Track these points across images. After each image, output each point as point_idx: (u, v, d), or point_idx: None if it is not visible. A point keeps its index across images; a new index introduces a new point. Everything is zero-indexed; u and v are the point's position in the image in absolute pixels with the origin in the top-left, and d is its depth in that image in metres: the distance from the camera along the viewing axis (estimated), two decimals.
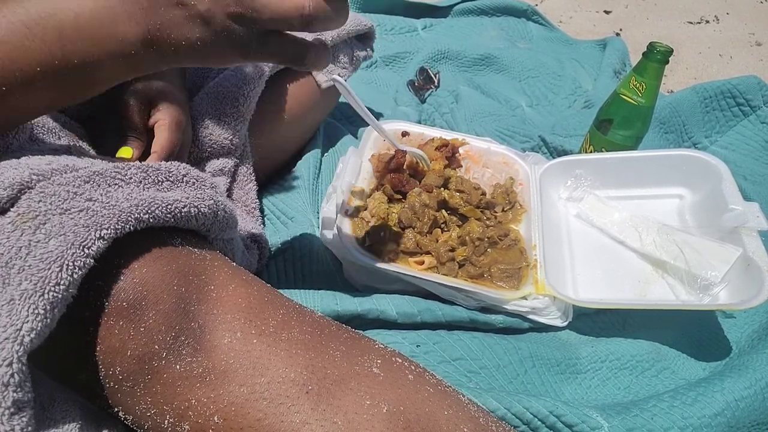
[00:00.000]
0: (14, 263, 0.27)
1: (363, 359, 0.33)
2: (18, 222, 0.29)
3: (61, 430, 0.28)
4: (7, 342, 0.25)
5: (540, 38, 1.36)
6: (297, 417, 0.29)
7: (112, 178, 0.33)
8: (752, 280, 0.54)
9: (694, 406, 0.48)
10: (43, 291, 0.26)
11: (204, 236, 0.39)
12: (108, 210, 0.30)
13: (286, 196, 0.71)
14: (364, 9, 1.30)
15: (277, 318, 0.33)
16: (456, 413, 0.32)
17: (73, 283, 0.27)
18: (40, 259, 0.27)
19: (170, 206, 0.33)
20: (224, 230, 0.40)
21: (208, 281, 0.33)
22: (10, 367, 0.24)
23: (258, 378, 0.30)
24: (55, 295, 0.26)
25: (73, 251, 0.27)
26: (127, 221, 0.30)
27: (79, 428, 0.29)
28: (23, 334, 0.25)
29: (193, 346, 0.30)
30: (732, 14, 1.64)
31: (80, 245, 0.28)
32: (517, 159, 0.74)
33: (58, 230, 0.28)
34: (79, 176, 0.32)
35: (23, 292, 0.26)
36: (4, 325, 0.25)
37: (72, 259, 0.27)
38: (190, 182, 0.37)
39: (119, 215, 0.30)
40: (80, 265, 0.27)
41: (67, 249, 0.27)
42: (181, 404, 0.30)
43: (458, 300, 0.59)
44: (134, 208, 0.31)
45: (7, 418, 0.24)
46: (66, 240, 0.28)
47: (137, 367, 0.29)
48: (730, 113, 0.95)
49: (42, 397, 0.27)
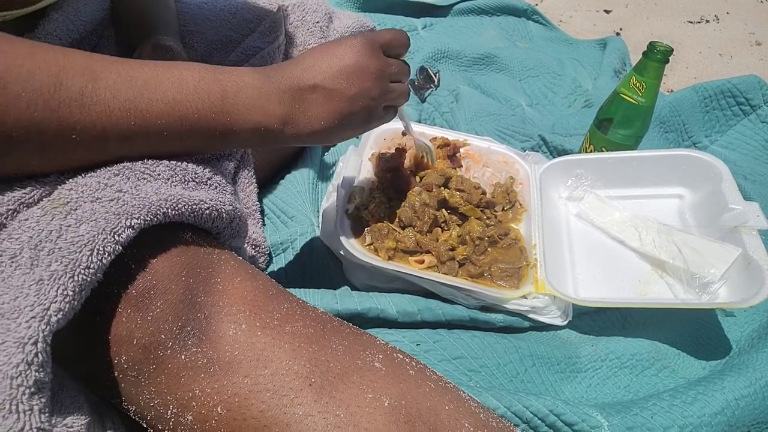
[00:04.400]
0: (44, 245, 0.27)
1: (365, 354, 0.33)
2: (48, 207, 0.29)
3: (71, 415, 0.28)
4: (33, 321, 0.25)
5: (540, 38, 1.36)
6: (300, 409, 0.29)
7: (141, 172, 0.34)
8: (752, 278, 0.54)
9: (694, 404, 0.48)
10: (74, 273, 0.26)
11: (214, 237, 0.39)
12: (138, 201, 0.31)
13: (286, 195, 0.71)
14: (363, 8, 1.30)
15: (281, 311, 0.33)
16: (457, 408, 0.32)
17: (101, 268, 0.28)
18: (71, 242, 0.27)
19: (195, 206, 0.34)
20: (234, 237, 0.40)
21: (215, 273, 0.33)
22: (35, 345, 0.25)
23: (262, 370, 0.30)
24: (84, 278, 0.27)
25: (104, 237, 0.28)
26: (156, 214, 0.31)
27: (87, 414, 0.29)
28: (50, 314, 0.25)
29: (198, 336, 0.30)
30: (732, 14, 1.64)
31: (111, 231, 0.28)
32: (517, 158, 0.74)
33: (90, 216, 0.29)
34: (109, 170, 0.33)
35: (53, 273, 0.26)
36: (32, 304, 0.25)
37: (103, 244, 0.28)
38: (213, 185, 0.38)
39: (149, 207, 0.31)
40: (110, 251, 0.28)
41: (99, 234, 0.28)
42: (184, 395, 0.30)
43: (458, 299, 0.59)
44: (163, 202, 0.32)
45: (27, 397, 0.24)
46: (97, 225, 0.28)
47: (143, 356, 0.29)
48: (730, 112, 0.95)
49: (53, 382, 0.27)
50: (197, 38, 0.66)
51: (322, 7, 0.71)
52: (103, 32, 0.59)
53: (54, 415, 0.26)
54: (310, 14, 0.70)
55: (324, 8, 0.71)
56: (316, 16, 0.70)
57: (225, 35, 0.67)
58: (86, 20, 0.54)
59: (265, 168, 0.70)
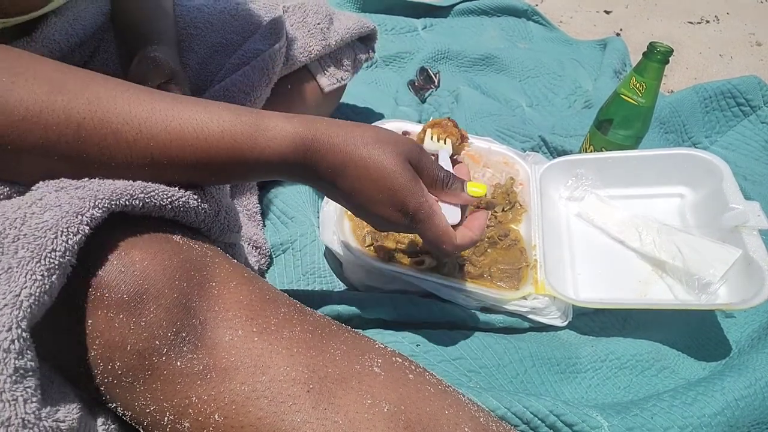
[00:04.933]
0: (8, 233, 0.27)
1: (364, 358, 0.33)
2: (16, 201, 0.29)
3: (63, 408, 0.27)
4: (6, 308, 0.25)
5: (540, 38, 1.36)
6: (298, 416, 0.29)
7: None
8: (752, 279, 0.54)
9: (693, 405, 0.48)
10: (41, 257, 0.26)
11: (206, 236, 0.39)
12: (104, 187, 0.30)
13: (286, 196, 0.72)
14: (363, 9, 1.30)
15: (278, 316, 0.33)
16: (456, 412, 0.32)
17: (69, 250, 0.27)
18: (35, 228, 0.27)
19: (167, 192, 0.33)
20: (226, 233, 0.39)
21: (209, 277, 0.33)
22: (10, 332, 0.24)
23: (259, 376, 0.30)
24: (51, 260, 0.27)
25: (68, 218, 0.28)
26: (122, 195, 0.31)
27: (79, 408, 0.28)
28: (22, 300, 0.25)
29: (194, 342, 0.30)
30: (732, 14, 1.64)
31: (75, 213, 0.28)
32: (517, 159, 0.74)
33: (54, 202, 0.29)
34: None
35: (20, 260, 0.26)
36: (3, 292, 0.25)
37: (66, 226, 0.27)
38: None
39: (114, 190, 0.30)
40: (74, 231, 0.28)
41: (62, 217, 0.28)
42: (181, 401, 0.30)
43: (458, 300, 0.59)
44: (130, 186, 0.31)
45: (9, 386, 0.24)
46: (61, 210, 0.28)
47: (137, 362, 0.29)
48: (731, 113, 0.95)
49: (43, 380, 0.27)
50: (198, 41, 0.66)
51: (323, 9, 0.71)
52: (103, 36, 0.59)
53: (43, 408, 0.26)
54: (311, 16, 0.70)
55: (325, 9, 0.71)
56: (317, 18, 0.70)
57: (226, 38, 0.67)
58: (86, 25, 0.54)
59: None
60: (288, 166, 0.36)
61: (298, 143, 0.36)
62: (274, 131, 0.35)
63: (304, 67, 0.71)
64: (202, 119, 0.33)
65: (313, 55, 0.69)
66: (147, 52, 0.54)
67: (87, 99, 0.31)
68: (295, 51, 0.68)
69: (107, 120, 0.31)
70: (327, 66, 0.73)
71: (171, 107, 0.33)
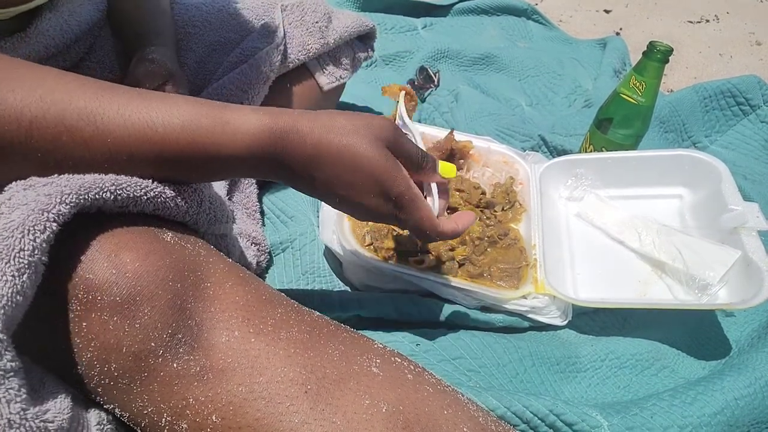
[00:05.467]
0: None
1: (362, 359, 0.33)
2: None
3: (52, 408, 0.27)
4: None
5: (540, 37, 1.36)
6: (296, 417, 0.29)
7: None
8: (752, 279, 0.54)
9: (693, 404, 0.48)
10: (9, 257, 0.26)
11: (195, 230, 0.38)
12: (72, 182, 0.30)
13: (286, 195, 0.71)
14: (363, 8, 1.30)
15: (275, 317, 0.33)
16: (455, 412, 0.32)
17: (37, 248, 0.27)
18: (3, 228, 0.27)
19: (140, 184, 0.32)
20: (213, 224, 0.39)
21: (204, 278, 0.32)
22: None
23: (256, 377, 0.30)
24: (21, 260, 0.26)
25: (34, 216, 0.27)
26: (91, 189, 0.30)
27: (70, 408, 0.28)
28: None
29: (190, 344, 0.30)
30: (732, 14, 1.64)
31: (41, 210, 0.28)
32: (517, 158, 0.73)
33: (22, 201, 0.28)
34: None
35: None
36: None
37: (33, 224, 0.27)
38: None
39: (82, 184, 0.30)
40: (41, 229, 0.27)
41: (28, 216, 0.27)
42: (178, 403, 0.29)
43: (458, 299, 0.59)
44: (99, 180, 0.30)
45: None
46: (28, 208, 0.28)
47: (133, 364, 0.29)
48: (730, 112, 0.95)
49: (33, 380, 0.27)
50: (196, 40, 0.66)
51: (321, 7, 0.71)
52: (99, 33, 0.59)
53: (29, 408, 0.26)
54: (309, 14, 0.69)
55: (323, 8, 0.71)
56: (315, 16, 0.69)
57: (224, 36, 0.67)
58: (81, 21, 0.53)
59: None
60: (257, 161, 0.34)
61: (264, 135, 0.34)
62: (237, 123, 0.33)
63: (302, 66, 0.71)
64: (161, 113, 0.32)
65: (311, 54, 0.69)
66: (145, 53, 0.54)
67: (40, 96, 0.30)
68: (293, 49, 0.68)
69: (61, 117, 0.30)
70: (326, 64, 0.73)
71: (129, 102, 0.32)
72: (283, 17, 0.68)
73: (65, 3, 0.51)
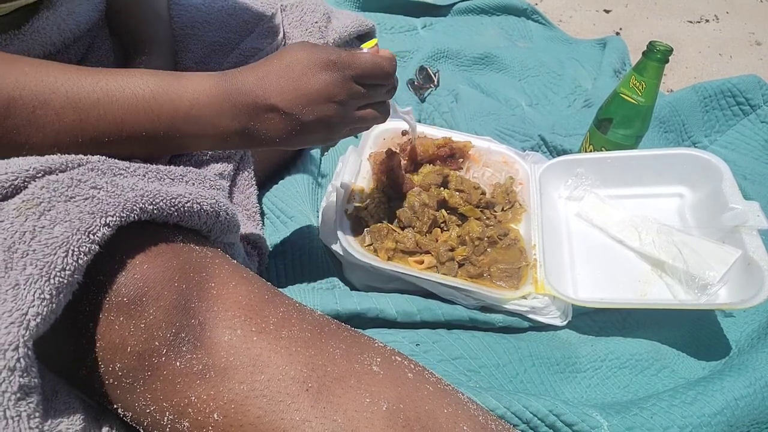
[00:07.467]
0: (17, 248, 0.27)
1: (363, 357, 0.33)
2: (22, 208, 0.29)
3: (65, 420, 0.28)
4: (12, 326, 0.25)
5: (540, 37, 1.36)
6: (297, 415, 0.29)
7: (118, 168, 0.34)
8: (752, 279, 0.54)
9: (693, 405, 0.48)
10: (49, 276, 0.26)
11: (206, 237, 0.39)
12: (113, 198, 0.30)
13: (286, 195, 0.71)
14: (363, 8, 1.30)
15: (277, 316, 0.33)
16: (455, 411, 0.32)
17: (78, 269, 0.27)
18: (45, 244, 0.27)
19: (174, 200, 0.34)
20: (225, 233, 0.40)
21: (208, 278, 0.33)
22: (16, 351, 0.24)
23: (258, 375, 0.30)
24: (60, 280, 0.26)
25: (79, 237, 0.28)
26: (132, 210, 0.31)
27: (82, 419, 0.29)
28: (29, 319, 0.25)
29: (193, 342, 0.30)
30: (732, 13, 1.64)
31: (86, 231, 0.28)
32: (517, 158, 0.73)
33: (63, 216, 0.28)
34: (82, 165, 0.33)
35: (28, 277, 0.26)
36: (10, 309, 0.25)
37: (78, 245, 0.27)
38: (190, 181, 0.38)
39: (124, 204, 0.30)
40: (86, 251, 0.28)
41: (73, 234, 0.27)
42: (180, 401, 0.30)
43: (458, 299, 0.59)
44: (139, 198, 0.31)
45: (13, 403, 0.24)
46: (72, 226, 0.28)
47: (137, 363, 0.29)
48: (730, 112, 0.95)
49: (45, 389, 0.27)
50: (195, 41, 0.66)
51: (321, 7, 0.71)
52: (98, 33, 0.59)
53: (45, 421, 0.26)
54: (309, 14, 0.69)
55: (323, 8, 0.71)
56: (314, 16, 0.69)
57: (223, 36, 0.67)
58: (80, 20, 0.53)
59: (264, 168, 0.70)
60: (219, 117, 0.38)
61: (219, 88, 0.38)
62: (193, 86, 0.37)
63: None
64: (125, 82, 0.35)
65: None
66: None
67: (15, 78, 0.32)
68: None
69: (36, 92, 0.32)
70: None
71: (97, 75, 0.35)
72: (282, 17, 0.68)
73: (64, 2, 0.51)
